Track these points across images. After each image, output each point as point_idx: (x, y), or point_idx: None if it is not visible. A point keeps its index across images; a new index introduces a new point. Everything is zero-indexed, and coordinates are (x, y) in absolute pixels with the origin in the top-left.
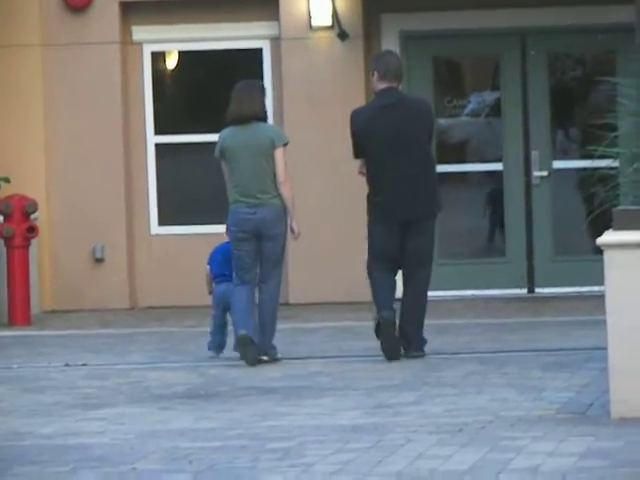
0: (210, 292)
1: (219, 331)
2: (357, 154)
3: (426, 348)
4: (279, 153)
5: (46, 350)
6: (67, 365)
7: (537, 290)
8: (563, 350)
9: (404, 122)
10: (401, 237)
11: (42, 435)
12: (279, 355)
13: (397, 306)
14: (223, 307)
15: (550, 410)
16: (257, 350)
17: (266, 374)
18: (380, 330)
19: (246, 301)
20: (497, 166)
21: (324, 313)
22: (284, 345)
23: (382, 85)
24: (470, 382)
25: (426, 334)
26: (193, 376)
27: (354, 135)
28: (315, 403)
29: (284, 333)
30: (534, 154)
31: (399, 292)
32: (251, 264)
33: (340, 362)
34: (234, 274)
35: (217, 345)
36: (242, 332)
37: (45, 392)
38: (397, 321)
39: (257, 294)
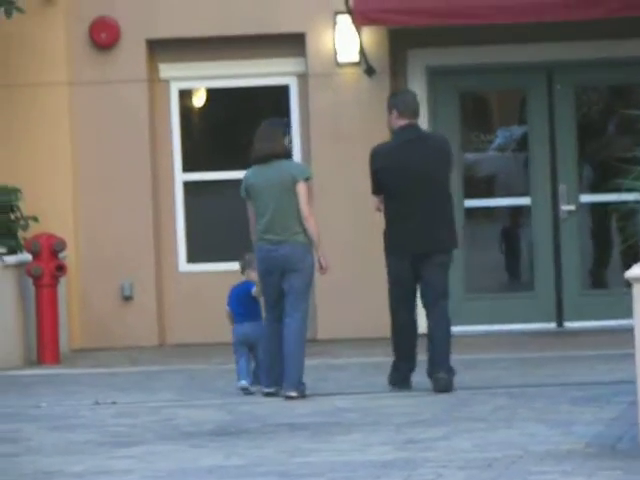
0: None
1: (246, 366)
2: (376, 190)
3: (455, 382)
4: (301, 187)
5: (75, 388)
6: (96, 403)
7: (566, 324)
8: (592, 384)
9: (424, 158)
10: (416, 270)
11: (72, 474)
12: (307, 392)
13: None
14: (247, 345)
15: (579, 444)
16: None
17: (295, 410)
18: (394, 377)
19: (274, 352)
20: (524, 200)
21: (352, 349)
22: (313, 381)
23: (401, 122)
24: (499, 417)
25: (455, 369)
26: (222, 413)
27: (374, 172)
28: (344, 439)
29: (312, 369)
30: (561, 188)
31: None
32: (277, 299)
33: (369, 398)
34: (264, 310)
35: (246, 375)
36: (267, 390)
37: (74, 430)
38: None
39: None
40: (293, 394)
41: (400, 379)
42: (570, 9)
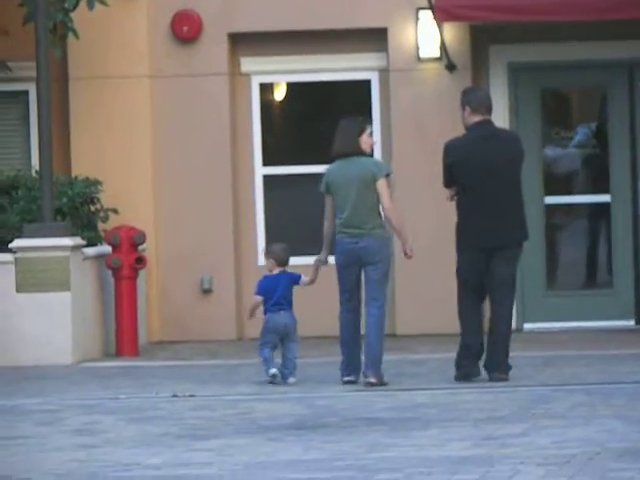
0: (251, 317)
1: (271, 353)
2: (448, 183)
3: (533, 380)
4: (382, 184)
5: (153, 381)
6: (175, 396)
7: None
8: None
9: (497, 154)
10: (486, 264)
11: (149, 466)
12: (386, 380)
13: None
14: (280, 335)
15: None
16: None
17: (373, 405)
18: (459, 353)
19: (351, 335)
20: (604, 198)
21: (431, 344)
22: (392, 376)
23: (475, 118)
24: (577, 414)
25: (534, 366)
26: (300, 407)
27: (449, 165)
28: (422, 434)
29: (391, 364)
30: None
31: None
32: (353, 291)
33: (447, 394)
34: (339, 298)
35: (271, 366)
36: (346, 379)
37: (152, 423)
38: (483, 347)
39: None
40: (373, 380)
41: (463, 375)
42: None
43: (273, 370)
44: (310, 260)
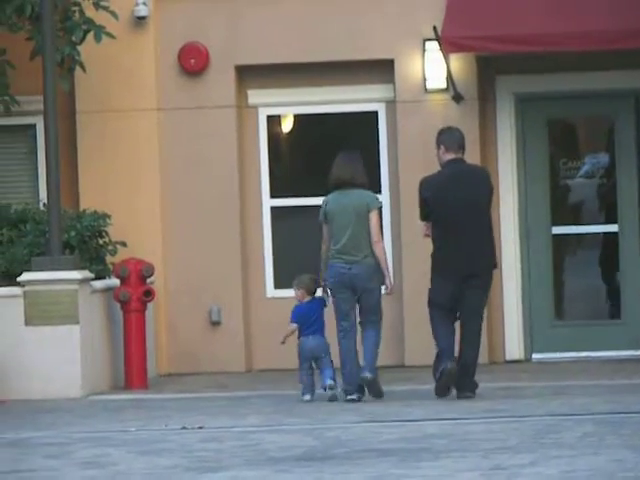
0: (283, 342)
1: (309, 378)
2: (424, 217)
3: (542, 409)
4: (374, 216)
5: (163, 413)
6: (184, 428)
7: None
8: None
9: (469, 189)
10: (461, 289)
11: None
12: (392, 418)
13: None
14: (311, 359)
15: None
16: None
17: (382, 436)
18: (438, 378)
19: (350, 354)
20: (612, 227)
21: None
22: (399, 407)
23: (449, 156)
24: (586, 443)
25: (543, 396)
26: (309, 439)
27: (424, 200)
28: (432, 465)
29: (400, 395)
30: None
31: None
32: (349, 311)
33: (456, 424)
34: (336, 318)
35: (310, 389)
36: (367, 375)
37: (162, 455)
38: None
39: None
40: (369, 375)
41: (442, 392)
42: None
43: (306, 397)
44: (319, 292)
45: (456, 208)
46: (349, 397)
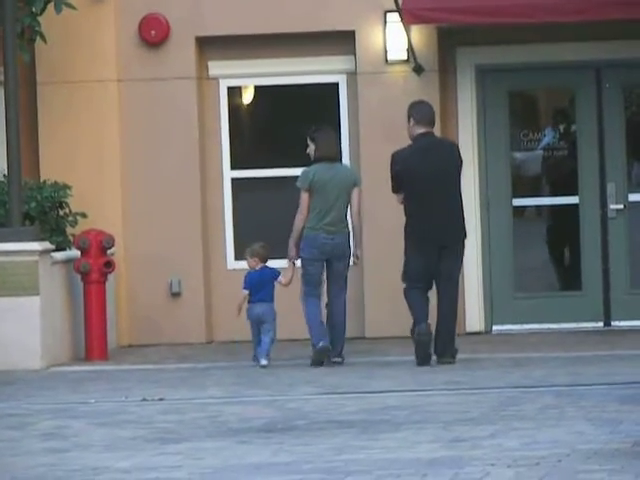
0: (239, 312)
1: (258, 344)
2: (395, 189)
3: (502, 381)
4: (358, 191)
5: (123, 385)
6: (144, 400)
7: (613, 323)
8: None
9: (439, 162)
10: (436, 259)
11: (119, 469)
12: (353, 389)
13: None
14: (258, 324)
15: (627, 443)
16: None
17: (343, 408)
18: (416, 339)
19: (319, 314)
20: (573, 199)
21: (400, 347)
22: (360, 379)
23: (419, 130)
24: (546, 415)
25: (503, 367)
26: (270, 410)
27: (396, 173)
28: (392, 437)
29: (361, 367)
30: (610, 187)
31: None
32: (320, 281)
33: (417, 396)
34: (305, 289)
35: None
36: (322, 344)
37: (122, 427)
38: (432, 332)
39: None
40: (338, 360)
41: (422, 361)
42: (617, 7)
43: (263, 362)
44: (278, 263)
45: (427, 181)
46: (334, 359)
